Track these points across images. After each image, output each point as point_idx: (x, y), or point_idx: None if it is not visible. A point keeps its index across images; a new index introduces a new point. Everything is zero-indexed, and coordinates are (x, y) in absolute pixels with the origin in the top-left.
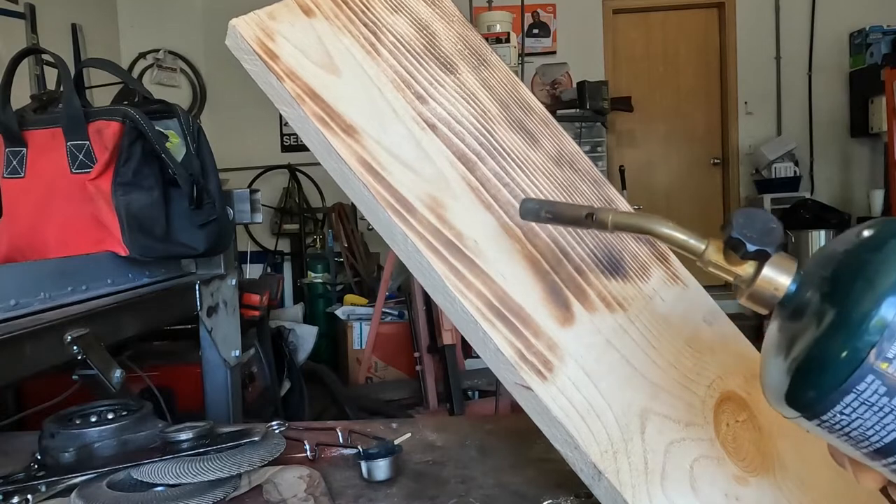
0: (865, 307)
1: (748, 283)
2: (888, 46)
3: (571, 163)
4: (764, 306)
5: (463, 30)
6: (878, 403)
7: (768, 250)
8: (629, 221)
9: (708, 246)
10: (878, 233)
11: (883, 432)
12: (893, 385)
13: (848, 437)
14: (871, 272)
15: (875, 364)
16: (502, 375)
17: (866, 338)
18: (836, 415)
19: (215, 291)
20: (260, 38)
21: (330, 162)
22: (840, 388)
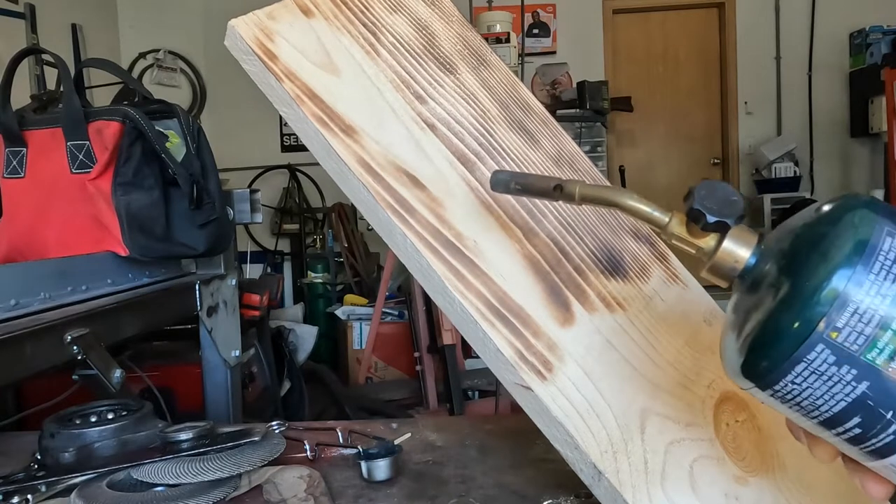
0: (818, 278)
1: (709, 255)
2: (888, 46)
3: (571, 163)
4: (724, 279)
5: (462, 30)
6: (828, 373)
7: (728, 222)
8: (596, 193)
9: (671, 218)
10: (836, 207)
11: (832, 402)
12: (842, 354)
13: (800, 407)
14: (826, 244)
15: (825, 333)
16: (502, 375)
17: (817, 308)
18: (788, 384)
19: (215, 291)
20: (259, 38)
21: (329, 162)
22: (791, 358)
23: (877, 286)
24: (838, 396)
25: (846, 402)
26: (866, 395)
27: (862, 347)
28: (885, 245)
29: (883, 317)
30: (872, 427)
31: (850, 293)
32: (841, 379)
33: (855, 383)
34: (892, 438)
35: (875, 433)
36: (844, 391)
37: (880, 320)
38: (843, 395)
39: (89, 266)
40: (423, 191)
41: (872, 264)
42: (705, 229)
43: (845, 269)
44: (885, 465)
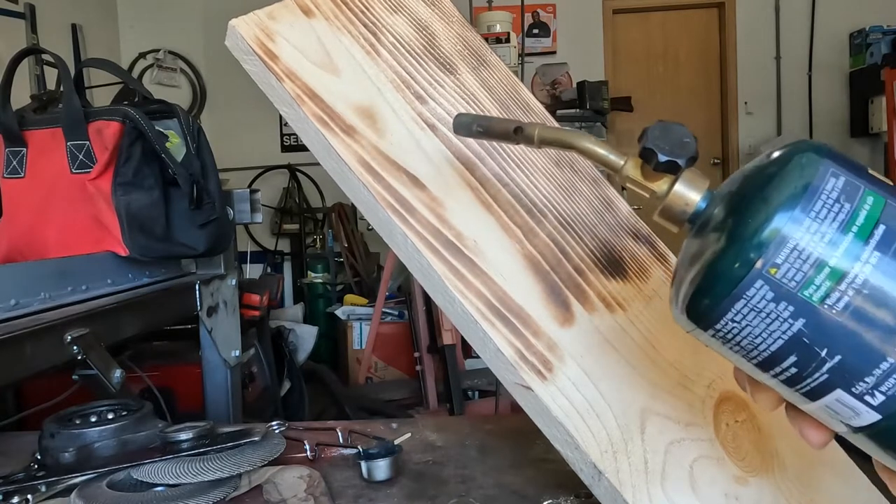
0: (760, 216)
1: (661, 198)
2: (888, 46)
3: (571, 163)
4: (675, 222)
5: (462, 30)
6: (766, 309)
7: (679, 162)
8: (554, 136)
9: (627, 162)
10: (786, 151)
11: (770, 340)
12: (780, 291)
13: (740, 347)
14: (771, 185)
15: (765, 270)
16: (502, 375)
17: (758, 244)
18: (728, 323)
19: (215, 291)
20: (260, 38)
21: (329, 162)
22: (732, 294)
23: (817, 225)
24: (776, 334)
25: (783, 340)
26: (802, 332)
27: (799, 284)
28: (829, 185)
29: (820, 255)
30: (807, 366)
31: (791, 231)
32: (779, 316)
33: (792, 320)
34: (826, 377)
35: (810, 372)
36: (781, 328)
37: (818, 258)
38: (780, 332)
39: (89, 266)
40: (424, 190)
41: (814, 203)
42: (657, 169)
43: (787, 207)
44: (819, 408)
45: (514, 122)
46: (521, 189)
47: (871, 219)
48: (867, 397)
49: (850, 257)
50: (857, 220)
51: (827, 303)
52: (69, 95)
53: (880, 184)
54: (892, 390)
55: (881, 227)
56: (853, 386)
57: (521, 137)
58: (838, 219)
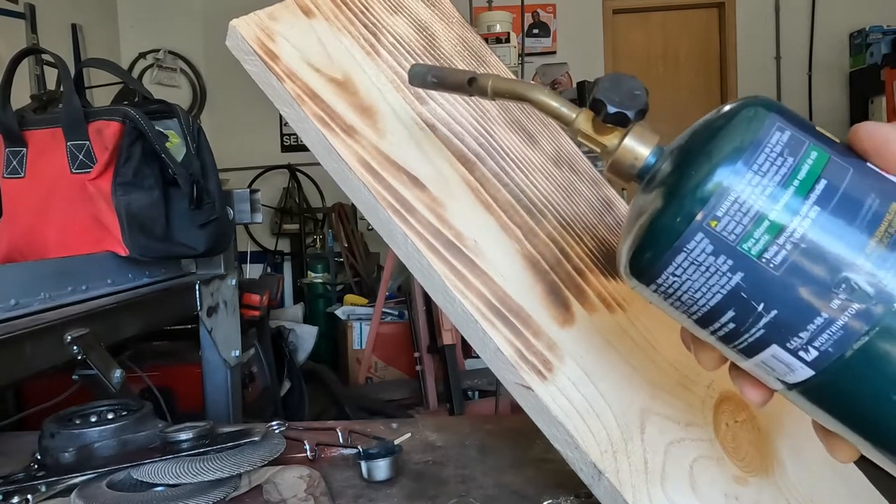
0: (703, 169)
1: (611, 153)
2: (888, 46)
3: (570, 163)
4: (624, 178)
5: (462, 31)
6: (706, 263)
7: (628, 114)
8: (507, 87)
9: (579, 115)
10: (735, 105)
11: (709, 294)
12: (720, 244)
13: (681, 302)
14: (717, 138)
15: (705, 222)
16: (502, 375)
17: (699, 196)
18: (669, 277)
19: (215, 291)
20: (260, 38)
21: (330, 162)
22: (673, 247)
23: (758, 178)
24: (715, 289)
25: (721, 295)
26: (740, 286)
27: (739, 237)
28: (773, 139)
29: (760, 209)
30: (745, 321)
31: (732, 184)
32: (718, 269)
33: (730, 274)
34: (762, 333)
35: (747, 328)
36: (720, 283)
37: (758, 212)
38: (719, 286)
39: (89, 266)
40: (424, 191)
41: (757, 157)
42: (606, 121)
43: (730, 160)
44: (756, 364)
45: (469, 72)
46: (521, 189)
47: (812, 174)
48: (801, 353)
49: (790, 211)
50: (799, 175)
51: (765, 257)
52: (69, 95)
53: (827, 141)
54: (825, 346)
55: (822, 182)
56: (788, 341)
57: (475, 89)
58: (780, 172)
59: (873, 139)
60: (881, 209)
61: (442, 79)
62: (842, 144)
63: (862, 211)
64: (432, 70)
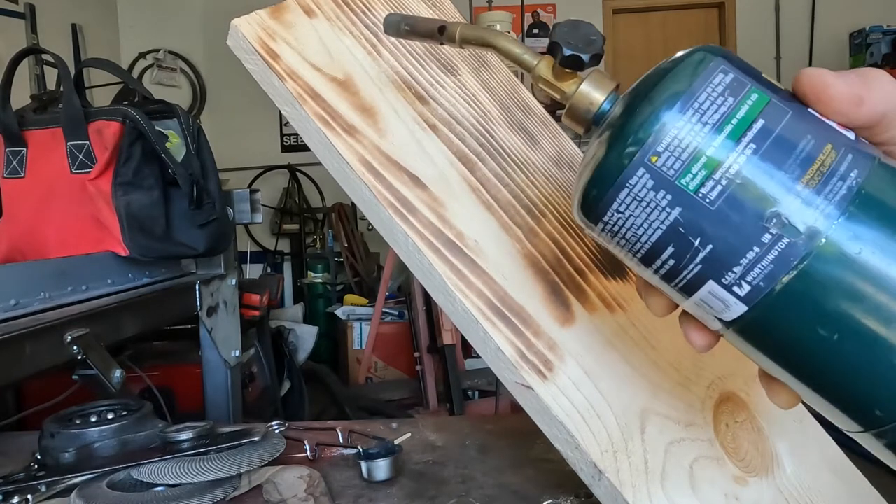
0: (647, 107)
1: (569, 98)
2: (888, 46)
3: (571, 164)
4: (580, 123)
5: None
6: (647, 198)
7: (583, 57)
8: (474, 34)
9: (540, 62)
10: (687, 51)
11: (650, 230)
12: (660, 178)
13: (625, 240)
14: (663, 80)
15: (646, 158)
16: (503, 375)
17: (641, 133)
18: (614, 213)
19: (215, 291)
20: (261, 37)
21: (331, 161)
22: (616, 182)
23: (698, 116)
24: (655, 224)
25: (661, 231)
26: (678, 221)
27: (677, 173)
28: (716, 80)
29: (698, 145)
30: (683, 257)
31: (673, 121)
32: (658, 205)
33: (669, 209)
34: (700, 269)
35: (685, 264)
36: (660, 218)
37: (696, 148)
38: (658, 222)
39: (89, 266)
40: (425, 190)
41: (698, 96)
42: (562, 65)
43: (672, 98)
44: (696, 303)
45: (439, 21)
46: (522, 189)
47: (751, 114)
48: (735, 288)
49: (726, 149)
50: (738, 114)
51: (701, 192)
52: (69, 95)
53: (771, 86)
54: (756, 280)
55: (759, 122)
56: (723, 276)
57: (445, 37)
58: (720, 111)
59: (813, 84)
60: (815, 151)
61: (414, 26)
62: (786, 91)
63: (796, 151)
64: (406, 19)
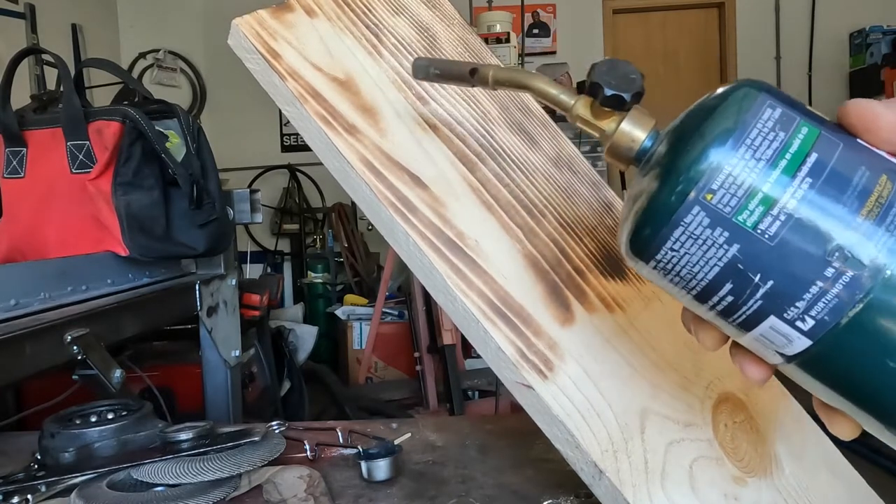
0: (698, 145)
1: (609, 136)
2: (888, 46)
3: (570, 165)
4: (622, 161)
5: (463, 33)
6: (703, 236)
7: (624, 96)
8: (508, 76)
9: (577, 101)
10: (727, 88)
11: (707, 268)
12: (716, 216)
13: (679, 277)
14: (710, 117)
15: (701, 196)
16: (503, 374)
17: (694, 171)
18: (668, 252)
19: (215, 291)
20: (262, 37)
21: (332, 161)
22: (671, 221)
23: (751, 152)
24: (712, 261)
25: (719, 268)
26: (736, 258)
27: (734, 210)
28: (764, 116)
29: (754, 182)
30: (742, 293)
31: (726, 158)
32: (714, 242)
33: (727, 246)
34: (760, 304)
35: (745, 300)
36: (717, 255)
37: (751, 185)
38: (716, 259)
39: (89, 266)
40: (425, 190)
41: (749, 132)
42: (603, 104)
43: (723, 136)
44: (755, 338)
45: (470, 63)
46: (522, 190)
47: (803, 148)
48: (798, 323)
49: (782, 185)
50: (791, 149)
51: (760, 228)
52: (69, 95)
53: (817, 118)
54: (821, 314)
55: (813, 156)
56: (785, 311)
57: (477, 79)
58: (772, 147)
59: (862, 115)
60: (870, 182)
61: (444, 70)
62: (832, 122)
63: (852, 183)
64: (434, 62)
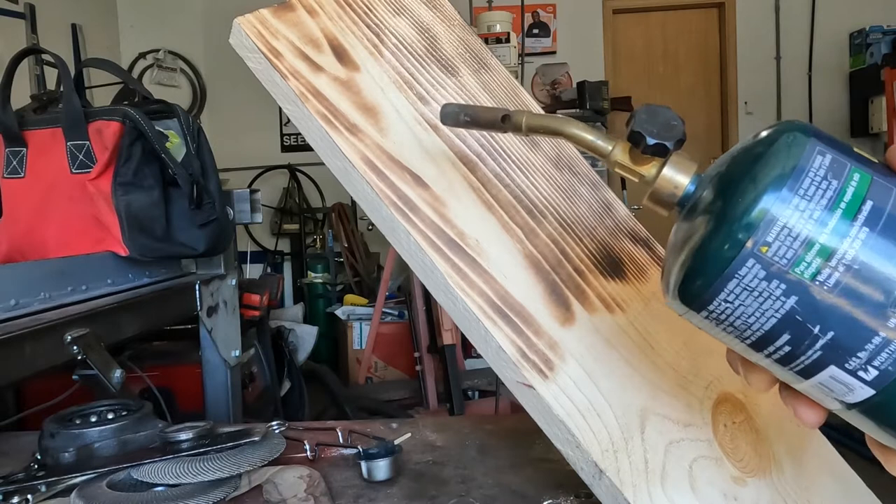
0: (750, 195)
1: (650, 182)
2: (888, 46)
3: (570, 165)
4: (664, 206)
5: (463, 33)
6: (758, 288)
7: (667, 144)
8: (541, 123)
9: (615, 147)
10: (772, 131)
11: (763, 319)
12: (772, 269)
13: (733, 328)
14: (759, 164)
15: (756, 248)
16: (504, 374)
17: (748, 223)
18: (721, 303)
19: (215, 291)
20: (264, 36)
21: (333, 160)
22: (724, 274)
23: (805, 202)
24: (769, 313)
25: (776, 319)
26: (795, 309)
27: (790, 262)
28: (815, 163)
29: (810, 233)
30: (801, 343)
31: (780, 210)
32: (771, 294)
33: (784, 298)
34: (820, 354)
35: (803, 350)
36: (774, 307)
37: (807, 236)
38: (773, 310)
39: (89, 266)
40: (426, 189)
41: (802, 181)
42: (645, 152)
43: (776, 186)
44: (813, 386)
45: (502, 110)
46: (522, 190)
47: (858, 196)
48: (861, 373)
49: (839, 234)
50: (845, 198)
51: (818, 279)
52: (69, 95)
53: (866, 161)
54: (884, 365)
55: (868, 204)
56: (846, 362)
57: (509, 125)
58: (826, 196)
59: None
60: None
61: (475, 117)
62: (881, 164)
63: None
64: (465, 109)
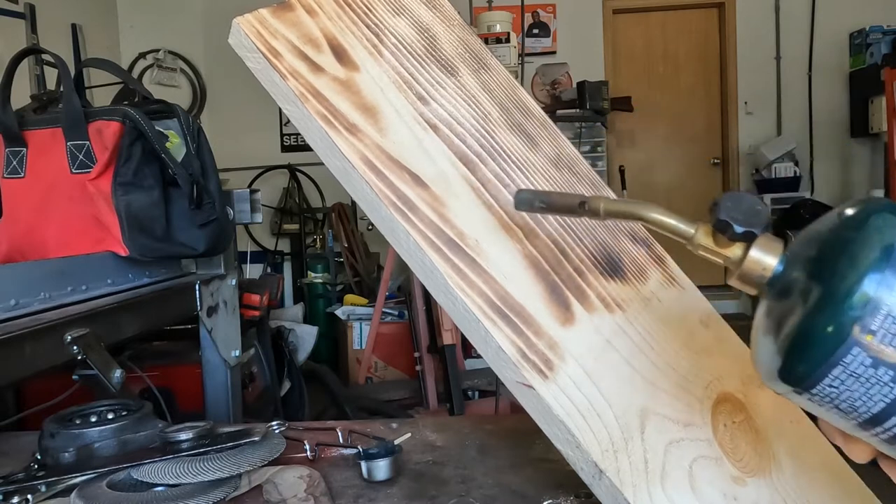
0: (849, 283)
1: (737, 264)
2: (888, 46)
3: (570, 165)
4: (752, 286)
5: (463, 34)
6: (865, 374)
7: (755, 231)
8: (620, 208)
9: (697, 230)
10: (860, 211)
11: (870, 402)
12: (878, 356)
13: (837, 409)
14: (854, 249)
15: (860, 337)
16: (504, 374)
17: (851, 312)
18: (826, 388)
19: (215, 291)
20: (263, 36)
21: (332, 160)
22: (828, 362)
23: None
24: (877, 398)
25: (885, 403)
26: None
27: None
28: None
29: None
30: None
31: (882, 296)
32: (879, 380)
33: (893, 384)
34: None
35: None
36: (883, 392)
37: None
38: (881, 395)
39: (89, 266)
40: (426, 189)
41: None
42: (733, 239)
43: (875, 273)
44: None
45: (578, 196)
46: None
47: None
48: None
49: None
50: None
51: None
52: (69, 95)
53: None
54: None
55: None
56: None
57: (587, 211)
58: None
59: None
60: None
61: (550, 203)
62: None
63: None
64: (539, 195)
